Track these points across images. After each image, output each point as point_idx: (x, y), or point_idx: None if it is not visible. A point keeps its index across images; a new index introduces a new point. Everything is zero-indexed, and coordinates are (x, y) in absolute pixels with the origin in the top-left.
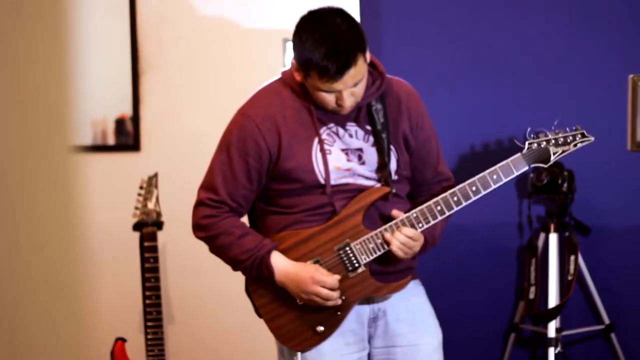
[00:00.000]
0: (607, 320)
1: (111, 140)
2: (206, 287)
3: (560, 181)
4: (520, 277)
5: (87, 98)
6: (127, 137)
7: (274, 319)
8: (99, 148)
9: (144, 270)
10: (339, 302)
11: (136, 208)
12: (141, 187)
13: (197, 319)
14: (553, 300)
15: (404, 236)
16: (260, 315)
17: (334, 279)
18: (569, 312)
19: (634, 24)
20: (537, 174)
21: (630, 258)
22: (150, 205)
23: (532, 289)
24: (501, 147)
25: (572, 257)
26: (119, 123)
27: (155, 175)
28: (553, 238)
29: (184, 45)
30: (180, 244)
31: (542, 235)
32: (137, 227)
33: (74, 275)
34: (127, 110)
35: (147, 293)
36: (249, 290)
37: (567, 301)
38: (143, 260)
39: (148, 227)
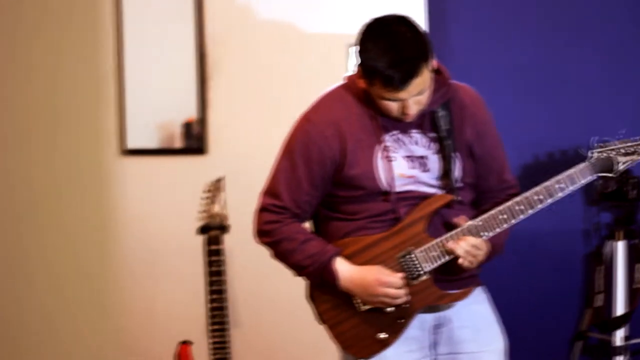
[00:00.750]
0: None
1: (178, 144)
2: (273, 291)
3: (627, 189)
4: (586, 284)
5: (153, 102)
6: (194, 140)
7: (336, 326)
8: (166, 151)
9: (209, 273)
10: (407, 299)
11: (201, 211)
12: (207, 191)
13: (263, 323)
14: (620, 309)
15: (468, 245)
16: (322, 322)
17: (398, 277)
18: (637, 321)
19: None
20: (604, 181)
21: None
22: (216, 208)
23: (599, 296)
24: (566, 157)
25: (638, 265)
26: (187, 126)
27: (222, 178)
28: (620, 246)
29: (250, 50)
30: (247, 247)
31: (608, 243)
32: (202, 230)
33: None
34: (194, 114)
35: (212, 297)
36: (312, 296)
37: (635, 309)
38: (208, 263)
39: (213, 230)
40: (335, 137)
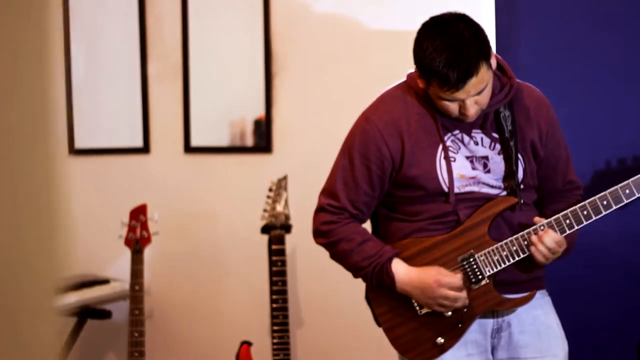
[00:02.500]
0: None
1: (249, 142)
2: (336, 291)
3: None
4: None
5: (224, 99)
6: (262, 138)
7: (393, 329)
8: (233, 149)
9: (271, 273)
10: (467, 302)
11: (265, 210)
12: (270, 190)
13: (326, 324)
14: None
15: (551, 240)
16: (379, 324)
17: (458, 278)
18: None
19: None
20: None
21: None
22: (279, 208)
23: None
24: (638, 163)
25: None
26: (257, 124)
27: (285, 177)
28: None
29: (315, 46)
30: (310, 247)
31: None
32: (265, 229)
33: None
34: (261, 112)
35: (274, 297)
36: (368, 298)
37: None
38: (270, 263)
39: (276, 230)
40: (394, 137)
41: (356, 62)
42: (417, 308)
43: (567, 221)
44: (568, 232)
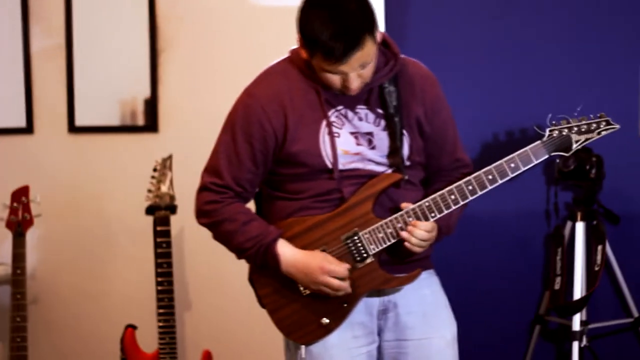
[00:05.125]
0: (636, 313)
1: (141, 121)
2: (224, 273)
3: (588, 167)
4: (547, 267)
5: (112, 79)
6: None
7: (278, 310)
8: (119, 129)
9: (156, 255)
10: (349, 291)
11: (149, 191)
12: (155, 170)
13: (214, 305)
14: (578, 292)
15: (422, 231)
16: (263, 306)
17: (344, 268)
18: (597, 305)
19: None
20: (564, 159)
21: None
22: (164, 188)
23: (558, 279)
24: (525, 135)
25: (600, 247)
26: (148, 103)
27: (170, 157)
28: (580, 227)
29: (201, 24)
30: (197, 228)
31: (569, 224)
32: (149, 210)
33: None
34: (147, 92)
35: (159, 279)
36: (252, 279)
37: (594, 293)
38: (155, 245)
39: (161, 211)
40: (277, 112)
41: (243, 39)
42: (301, 289)
43: (452, 197)
44: (453, 207)
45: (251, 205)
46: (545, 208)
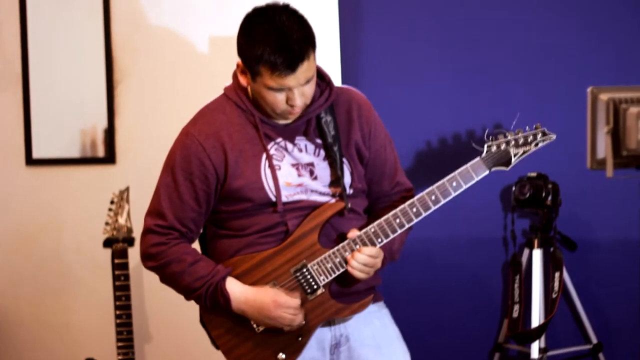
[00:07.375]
0: (594, 340)
1: (101, 152)
2: (184, 305)
3: (544, 194)
4: (505, 294)
5: (69, 109)
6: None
7: (232, 350)
8: (76, 161)
9: (115, 288)
10: (303, 323)
11: (107, 224)
12: (112, 202)
13: (175, 337)
14: (537, 319)
15: (365, 256)
16: (217, 347)
17: (296, 301)
18: (555, 331)
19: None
20: (520, 186)
21: (618, 274)
22: (121, 220)
23: (516, 307)
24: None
25: (557, 274)
26: (107, 134)
27: (127, 189)
28: (537, 254)
29: (157, 55)
30: None
31: (526, 251)
32: (107, 243)
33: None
34: (104, 122)
35: (118, 312)
36: (203, 321)
37: (553, 320)
38: (114, 277)
39: (118, 243)
40: (215, 148)
41: (198, 69)
42: (255, 326)
43: (397, 220)
44: (399, 231)
45: (196, 245)
46: (502, 235)
